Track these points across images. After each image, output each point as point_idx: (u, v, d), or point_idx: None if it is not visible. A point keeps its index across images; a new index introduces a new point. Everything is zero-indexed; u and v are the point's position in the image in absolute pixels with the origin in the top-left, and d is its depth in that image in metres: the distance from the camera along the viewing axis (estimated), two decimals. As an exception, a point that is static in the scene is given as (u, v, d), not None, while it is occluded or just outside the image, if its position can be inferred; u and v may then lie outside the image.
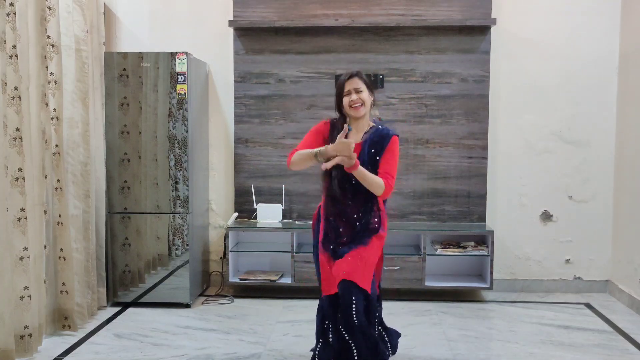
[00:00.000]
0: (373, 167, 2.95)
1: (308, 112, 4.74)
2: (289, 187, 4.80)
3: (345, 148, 2.76)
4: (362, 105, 2.97)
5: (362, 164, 2.88)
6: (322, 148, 2.87)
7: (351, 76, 3.00)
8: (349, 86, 2.97)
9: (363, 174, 2.86)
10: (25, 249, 3.31)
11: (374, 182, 2.88)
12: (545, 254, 4.82)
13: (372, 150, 2.97)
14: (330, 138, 2.99)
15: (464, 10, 4.62)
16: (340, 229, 3.03)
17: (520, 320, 4.14)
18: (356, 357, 2.91)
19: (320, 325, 3.10)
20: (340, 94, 3.01)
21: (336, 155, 2.79)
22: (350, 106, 2.97)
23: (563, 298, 4.68)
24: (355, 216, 3.01)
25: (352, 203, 3.00)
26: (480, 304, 4.51)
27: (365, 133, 3.02)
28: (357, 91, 2.97)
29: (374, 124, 3.06)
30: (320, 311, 3.11)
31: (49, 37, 3.70)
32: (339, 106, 3.03)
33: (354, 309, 2.88)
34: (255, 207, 4.74)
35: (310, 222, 3.98)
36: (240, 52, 4.76)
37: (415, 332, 3.88)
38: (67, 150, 3.94)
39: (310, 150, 2.91)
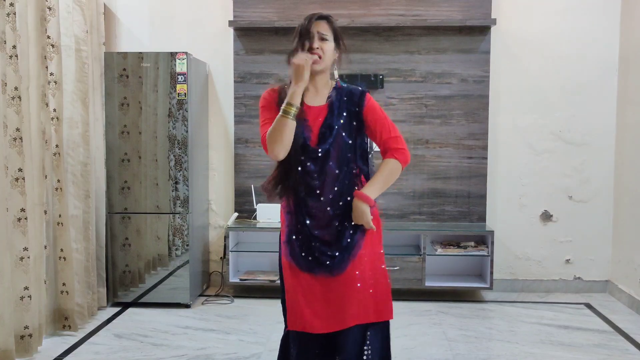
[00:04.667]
0: (350, 134, 2.35)
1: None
2: (289, 187, 4.80)
3: (300, 65, 2.21)
4: (320, 58, 2.31)
5: (336, 129, 2.32)
6: (285, 101, 2.24)
7: (320, 17, 2.37)
8: (314, 29, 2.34)
9: (379, 185, 2.33)
10: (26, 249, 3.31)
11: (391, 175, 2.34)
12: (545, 254, 4.82)
13: (345, 114, 2.35)
14: (279, 105, 2.32)
15: (464, 10, 4.62)
16: (314, 221, 2.33)
17: (520, 320, 4.14)
18: None
19: None
20: (302, 38, 2.34)
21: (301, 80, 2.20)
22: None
23: (563, 298, 4.68)
24: (331, 196, 2.32)
25: (322, 178, 2.32)
26: (480, 304, 4.51)
27: (328, 97, 2.38)
28: (322, 38, 2.34)
29: (337, 83, 2.43)
30: (286, 353, 2.43)
31: (49, 37, 3.70)
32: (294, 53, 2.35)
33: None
34: (255, 207, 4.74)
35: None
36: (240, 52, 4.76)
37: (415, 332, 3.88)
38: (67, 151, 3.94)
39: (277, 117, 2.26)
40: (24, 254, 3.31)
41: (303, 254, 2.33)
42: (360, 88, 2.41)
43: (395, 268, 4.45)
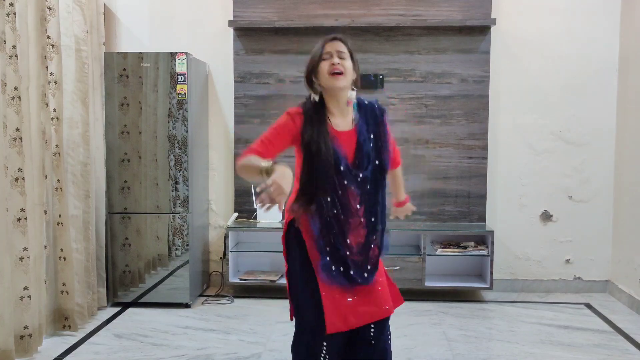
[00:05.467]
0: (377, 155, 2.38)
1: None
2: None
3: (276, 189, 2.11)
4: (342, 74, 2.27)
5: (366, 153, 2.34)
6: (270, 165, 2.18)
7: (334, 39, 2.32)
8: (330, 48, 2.31)
9: (401, 186, 2.71)
10: (25, 249, 3.31)
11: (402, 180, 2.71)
12: (545, 254, 4.82)
13: (372, 136, 2.36)
14: (304, 131, 2.30)
15: (464, 10, 4.62)
16: (352, 239, 2.34)
17: (520, 320, 4.14)
18: None
19: None
20: (317, 59, 2.31)
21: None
22: (330, 73, 2.27)
23: (563, 298, 4.68)
24: (367, 216, 2.36)
25: (359, 207, 2.35)
26: (480, 304, 4.51)
27: (353, 119, 2.37)
28: (340, 56, 2.30)
29: (352, 100, 2.41)
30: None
31: (49, 37, 3.70)
32: (311, 76, 2.35)
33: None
34: (255, 207, 4.74)
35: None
36: (240, 52, 4.76)
37: (415, 332, 3.88)
38: (67, 151, 3.94)
39: (261, 163, 2.20)
40: (23, 254, 3.31)
41: (342, 275, 2.33)
42: (376, 105, 2.43)
43: (396, 268, 4.45)
